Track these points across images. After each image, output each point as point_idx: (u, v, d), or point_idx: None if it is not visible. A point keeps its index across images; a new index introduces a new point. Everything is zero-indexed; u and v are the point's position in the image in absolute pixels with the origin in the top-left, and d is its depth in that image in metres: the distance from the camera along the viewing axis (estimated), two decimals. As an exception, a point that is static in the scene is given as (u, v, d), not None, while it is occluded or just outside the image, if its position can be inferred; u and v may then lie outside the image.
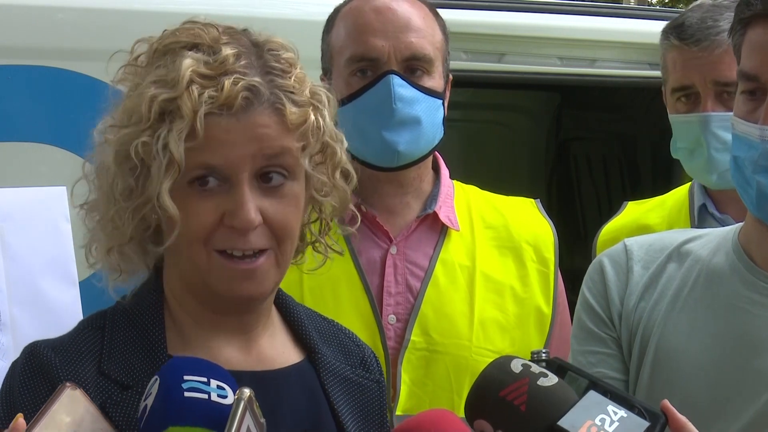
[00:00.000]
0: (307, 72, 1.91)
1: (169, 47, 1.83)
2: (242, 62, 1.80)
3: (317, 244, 2.00)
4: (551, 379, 1.79)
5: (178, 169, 1.75)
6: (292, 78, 1.84)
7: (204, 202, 1.79)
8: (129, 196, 1.81)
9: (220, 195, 1.79)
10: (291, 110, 1.81)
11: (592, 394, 1.80)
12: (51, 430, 1.57)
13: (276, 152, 1.81)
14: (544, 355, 1.89)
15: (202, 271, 1.82)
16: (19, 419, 1.56)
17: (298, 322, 2.01)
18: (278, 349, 1.96)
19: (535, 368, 1.81)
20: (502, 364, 1.84)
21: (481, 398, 1.82)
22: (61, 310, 2.76)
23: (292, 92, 1.82)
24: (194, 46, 1.81)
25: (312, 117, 1.84)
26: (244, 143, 1.78)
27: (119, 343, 1.85)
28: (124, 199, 1.81)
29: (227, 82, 1.76)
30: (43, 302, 2.82)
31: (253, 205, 1.79)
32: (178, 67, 1.77)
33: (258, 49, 1.84)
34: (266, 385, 1.65)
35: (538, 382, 1.78)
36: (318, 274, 2.23)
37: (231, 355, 1.87)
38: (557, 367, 1.87)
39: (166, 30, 1.88)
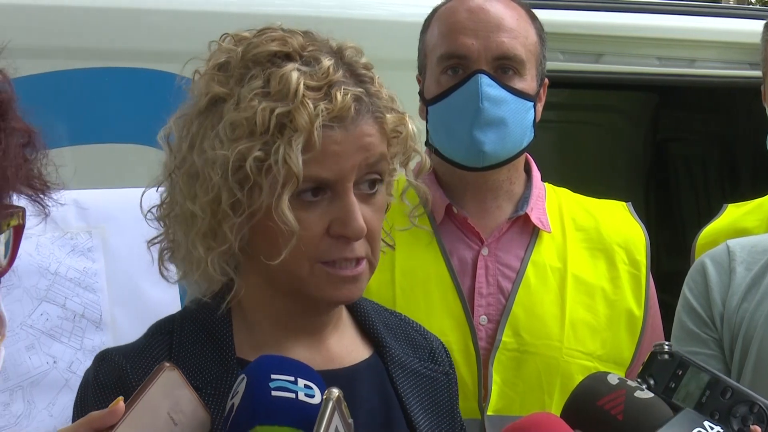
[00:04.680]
0: (400, 73, 1.91)
1: (258, 56, 1.81)
2: (340, 72, 1.80)
3: None
4: (647, 393, 1.80)
5: (296, 182, 1.74)
6: (377, 84, 1.85)
7: (310, 213, 1.78)
8: (235, 209, 1.80)
9: (323, 204, 1.79)
10: (389, 117, 1.82)
11: (689, 412, 1.79)
12: (147, 412, 1.57)
13: (377, 159, 1.82)
14: (666, 347, 1.89)
15: (302, 280, 1.82)
16: (120, 402, 1.55)
17: (366, 318, 2.01)
18: (347, 347, 1.96)
19: (631, 382, 1.82)
20: (598, 376, 1.85)
21: (578, 408, 1.82)
22: (161, 310, 2.79)
23: (382, 99, 1.83)
24: (286, 55, 1.80)
25: (410, 125, 1.86)
26: (354, 153, 1.78)
27: (188, 346, 1.86)
28: (233, 212, 1.79)
29: (339, 94, 1.76)
30: (142, 302, 2.86)
31: (360, 214, 1.79)
32: (285, 79, 1.76)
33: (340, 57, 1.84)
34: (338, 383, 1.65)
35: (635, 394, 1.78)
36: (410, 274, 2.24)
37: (300, 355, 1.85)
38: (680, 360, 1.88)
39: (225, 33, 1.88)
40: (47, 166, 1.17)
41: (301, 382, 1.62)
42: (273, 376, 1.61)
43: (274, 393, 1.60)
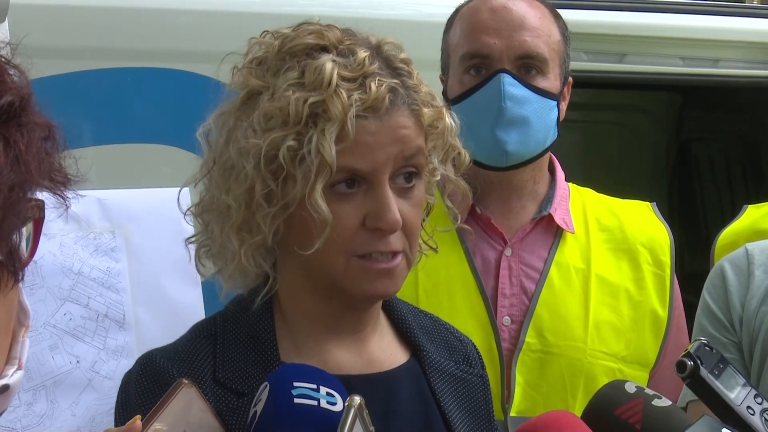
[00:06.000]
0: (424, 73, 1.91)
1: (294, 49, 1.81)
2: (376, 64, 1.79)
3: None
4: (665, 401, 1.79)
5: (329, 172, 1.74)
6: (415, 78, 1.84)
7: (345, 205, 1.78)
8: (269, 200, 1.80)
9: (358, 197, 1.78)
10: (426, 110, 1.81)
11: (707, 419, 1.79)
12: (165, 429, 1.57)
13: (413, 153, 1.81)
14: (706, 340, 1.88)
15: (337, 273, 1.81)
16: (137, 421, 1.54)
17: (403, 321, 2.00)
18: (386, 351, 1.95)
19: (649, 390, 1.81)
20: (616, 385, 1.85)
21: (596, 417, 1.81)
22: (184, 311, 2.80)
23: (419, 93, 1.82)
24: (322, 48, 1.80)
25: (447, 118, 1.86)
26: (388, 145, 1.77)
27: (232, 350, 1.85)
28: (267, 203, 1.79)
29: (373, 84, 1.75)
30: (165, 302, 2.86)
31: (396, 206, 1.78)
32: (319, 69, 1.75)
33: (378, 51, 1.83)
34: (378, 387, 1.64)
35: (653, 403, 1.78)
36: (433, 275, 2.25)
37: (342, 358, 1.87)
38: (721, 357, 1.87)
39: (265, 30, 1.88)
40: (66, 159, 1.18)
41: (323, 389, 1.62)
42: (295, 384, 1.61)
43: (296, 400, 1.60)
